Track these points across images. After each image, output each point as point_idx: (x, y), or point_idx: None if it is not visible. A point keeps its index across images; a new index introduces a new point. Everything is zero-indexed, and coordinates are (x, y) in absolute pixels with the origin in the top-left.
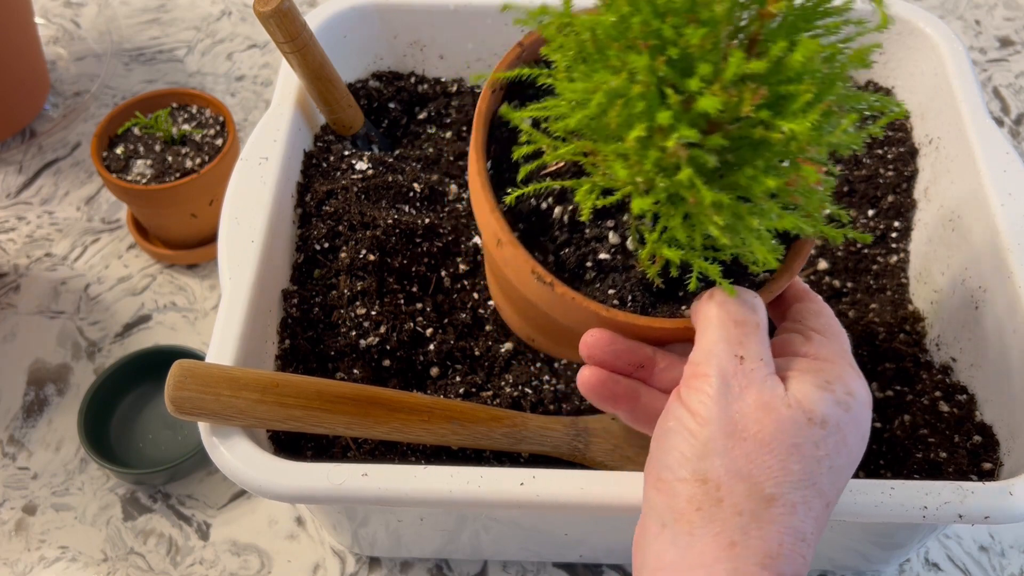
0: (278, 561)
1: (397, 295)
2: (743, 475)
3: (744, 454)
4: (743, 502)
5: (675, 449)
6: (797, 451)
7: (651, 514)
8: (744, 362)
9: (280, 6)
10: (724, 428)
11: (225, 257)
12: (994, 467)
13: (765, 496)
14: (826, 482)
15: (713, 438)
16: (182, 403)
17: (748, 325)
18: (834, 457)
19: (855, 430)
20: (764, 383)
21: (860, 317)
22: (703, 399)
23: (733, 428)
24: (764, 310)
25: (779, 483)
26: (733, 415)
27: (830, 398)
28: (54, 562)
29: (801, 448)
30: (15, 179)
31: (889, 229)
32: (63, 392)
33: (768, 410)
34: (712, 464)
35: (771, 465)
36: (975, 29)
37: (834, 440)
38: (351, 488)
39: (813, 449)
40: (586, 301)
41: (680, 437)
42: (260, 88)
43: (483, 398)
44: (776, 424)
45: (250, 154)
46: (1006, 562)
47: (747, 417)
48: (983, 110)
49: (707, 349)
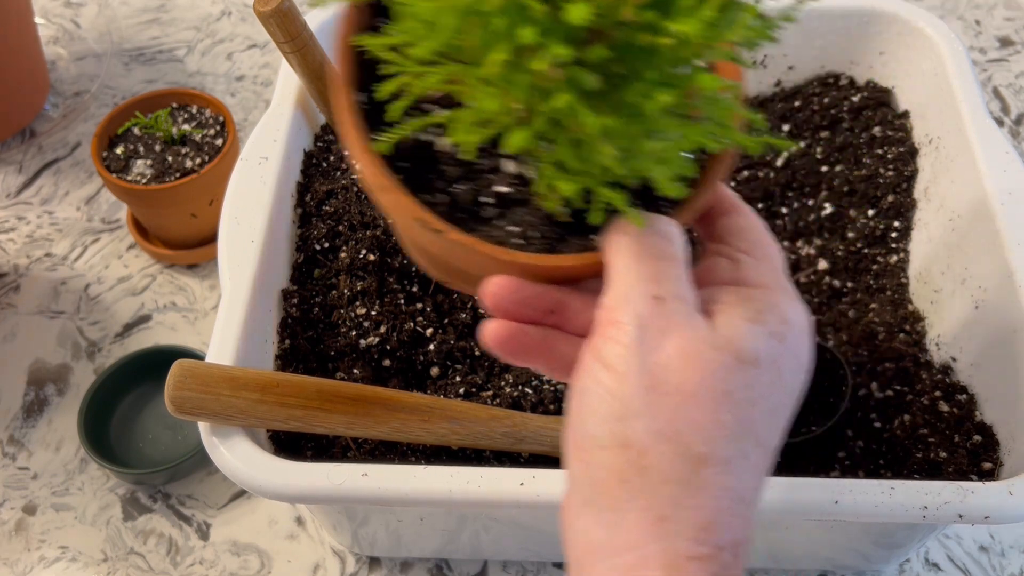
0: (278, 561)
1: (397, 295)
2: (668, 436)
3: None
4: (671, 468)
5: (592, 412)
6: (728, 399)
7: (574, 488)
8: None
9: (280, 6)
10: (644, 382)
11: (225, 257)
12: (994, 467)
13: (695, 456)
14: (763, 428)
15: (632, 395)
16: (182, 403)
17: (664, 259)
18: (769, 397)
19: (791, 361)
20: (686, 325)
21: (860, 317)
22: (618, 351)
23: (654, 382)
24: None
25: (710, 439)
26: (652, 367)
27: (762, 331)
28: (54, 562)
29: (732, 395)
30: (15, 179)
31: (889, 229)
32: (63, 392)
33: (692, 357)
34: (633, 426)
35: (699, 420)
36: (975, 29)
37: (768, 377)
38: (351, 488)
39: (746, 392)
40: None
41: (596, 397)
42: (260, 88)
43: (483, 398)
44: (702, 372)
45: (250, 154)
46: (1006, 562)
47: (669, 368)
48: (983, 110)
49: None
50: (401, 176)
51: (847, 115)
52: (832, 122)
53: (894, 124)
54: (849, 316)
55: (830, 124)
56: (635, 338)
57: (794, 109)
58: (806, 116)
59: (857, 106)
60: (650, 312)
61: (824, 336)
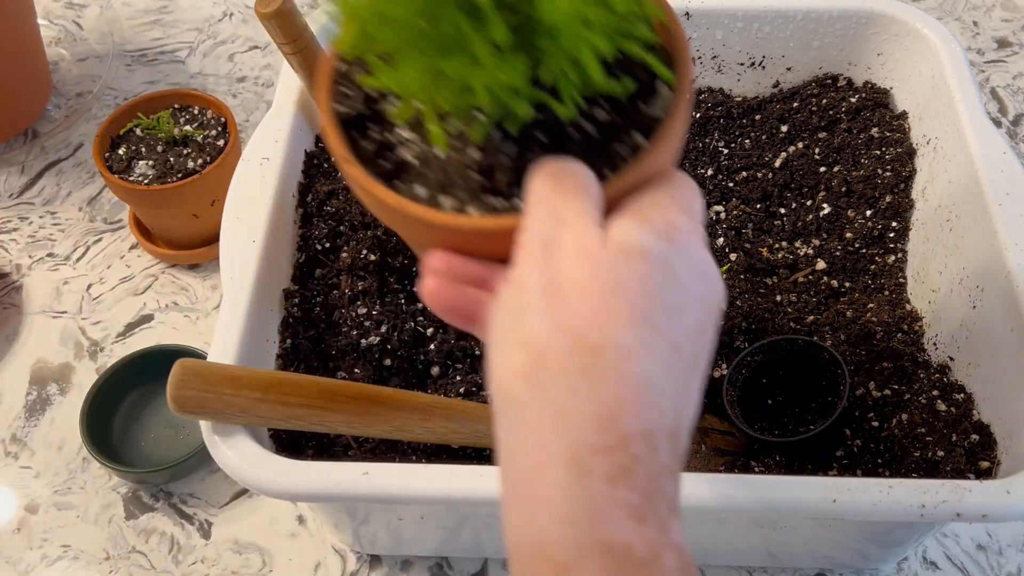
0: (279, 559)
1: (398, 295)
2: (564, 329)
3: (564, 307)
4: (567, 359)
5: (498, 325)
6: (620, 290)
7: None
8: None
9: (281, 7)
10: (542, 287)
11: (227, 257)
12: (992, 466)
13: (591, 346)
14: (664, 321)
15: (531, 300)
16: (184, 402)
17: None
18: (666, 292)
19: (685, 262)
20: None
21: (858, 316)
22: (521, 267)
23: (551, 284)
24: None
25: (604, 327)
26: (551, 272)
27: (647, 228)
28: (56, 561)
29: (625, 286)
30: (17, 179)
31: (887, 229)
32: (65, 391)
33: (584, 256)
34: (531, 325)
35: (593, 310)
36: (973, 30)
37: (661, 273)
38: (352, 487)
39: (639, 285)
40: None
41: (500, 313)
42: (261, 89)
43: (484, 397)
44: (593, 267)
45: (252, 155)
46: (1004, 560)
47: (564, 270)
48: (981, 111)
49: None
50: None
51: (845, 116)
52: (830, 123)
53: (892, 125)
54: (847, 316)
55: (828, 125)
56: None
57: (792, 110)
58: (804, 117)
59: (855, 107)
60: (550, 230)
61: (822, 335)
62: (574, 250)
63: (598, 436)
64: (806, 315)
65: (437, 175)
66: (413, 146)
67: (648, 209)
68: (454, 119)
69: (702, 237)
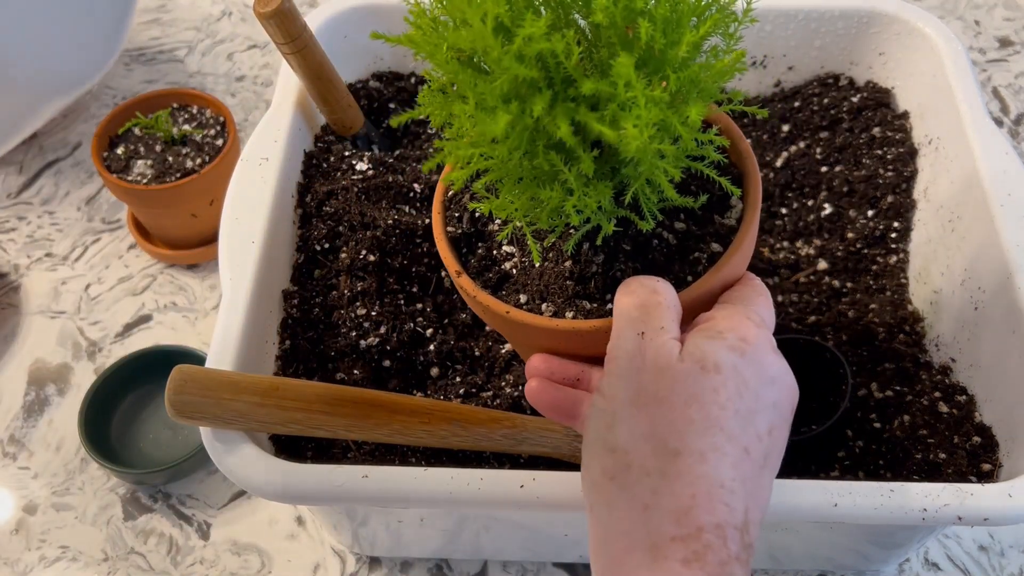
0: (278, 561)
1: (397, 295)
2: (647, 436)
3: (647, 417)
4: (649, 461)
5: (590, 431)
6: (695, 400)
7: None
8: (645, 336)
9: (280, 7)
10: (629, 398)
11: (226, 257)
12: (993, 468)
13: (670, 451)
14: (735, 426)
15: (619, 410)
16: (183, 407)
17: (650, 305)
18: (737, 400)
19: (756, 372)
20: (662, 348)
21: (860, 317)
22: (611, 380)
23: (636, 397)
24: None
25: (681, 435)
26: (636, 385)
27: (721, 344)
28: (54, 562)
29: (699, 397)
30: (15, 179)
31: (889, 229)
32: (64, 392)
33: (664, 370)
34: (619, 433)
35: (672, 420)
36: (974, 29)
37: (734, 384)
38: (352, 490)
39: (712, 395)
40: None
41: (593, 419)
42: (260, 88)
43: (483, 399)
44: (672, 380)
45: (251, 154)
46: (1005, 562)
47: (647, 383)
48: (982, 110)
49: (614, 336)
50: None
51: (847, 116)
52: (832, 122)
53: (894, 125)
54: (849, 316)
55: (830, 124)
56: (623, 367)
57: (794, 109)
58: (806, 116)
59: (857, 107)
60: (635, 346)
61: (824, 336)
62: (655, 366)
63: (675, 528)
64: (807, 315)
65: (536, 284)
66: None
67: (721, 323)
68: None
69: (772, 346)
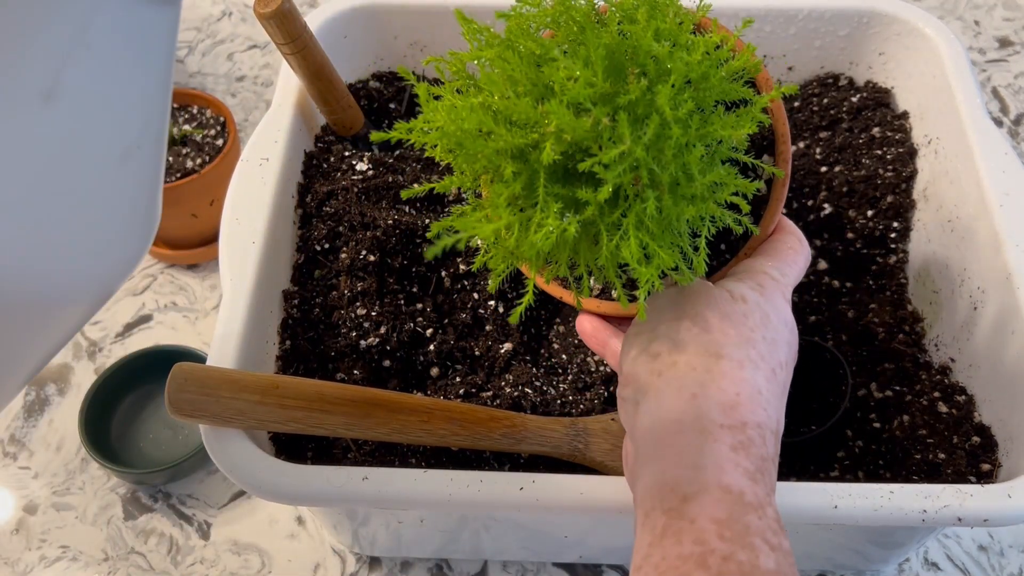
0: (278, 560)
1: (397, 295)
2: (688, 341)
3: (688, 326)
4: (695, 359)
5: (630, 339)
6: (729, 320)
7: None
8: None
9: (280, 7)
10: (671, 313)
11: (226, 257)
12: (993, 468)
13: (712, 354)
14: (765, 349)
15: (660, 324)
16: (182, 405)
17: None
18: (763, 329)
19: (774, 310)
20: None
21: (859, 317)
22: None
23: (676, 312)
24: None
25: (721, 344)
26: (674, 304)
27: (744, 283)
28: (55, 561)
29: (731, 317)
30: None
31: (888, 229)
32: (64, 392)
33: (701, 293)
34: (663, 342)
35: (711, 330)
36: (974, 30)
37: (759, 314)
38: (351, 491)
39: (742, 319)
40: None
41: (634, 331)
42: (261, 89)
43: (483, 398)
44: (708, 299)
45: (251, 155)
46: (1005, 561)
47: (686, 302)
48: (982, 110)
49: None
50: None
51: (846, 116)
52: (831, 123)
53: (893, 125)
54: (848, 316)
55: (829, 125)
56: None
57: (793, 110)
58: (805, 117)
59: (856, 107)
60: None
61: (824, 336)
62: (694, 290)
63: (723, 417)
64: (807, 315)
65: None
66: None
67: (744, 270)
68: None
69: (785, 296)
